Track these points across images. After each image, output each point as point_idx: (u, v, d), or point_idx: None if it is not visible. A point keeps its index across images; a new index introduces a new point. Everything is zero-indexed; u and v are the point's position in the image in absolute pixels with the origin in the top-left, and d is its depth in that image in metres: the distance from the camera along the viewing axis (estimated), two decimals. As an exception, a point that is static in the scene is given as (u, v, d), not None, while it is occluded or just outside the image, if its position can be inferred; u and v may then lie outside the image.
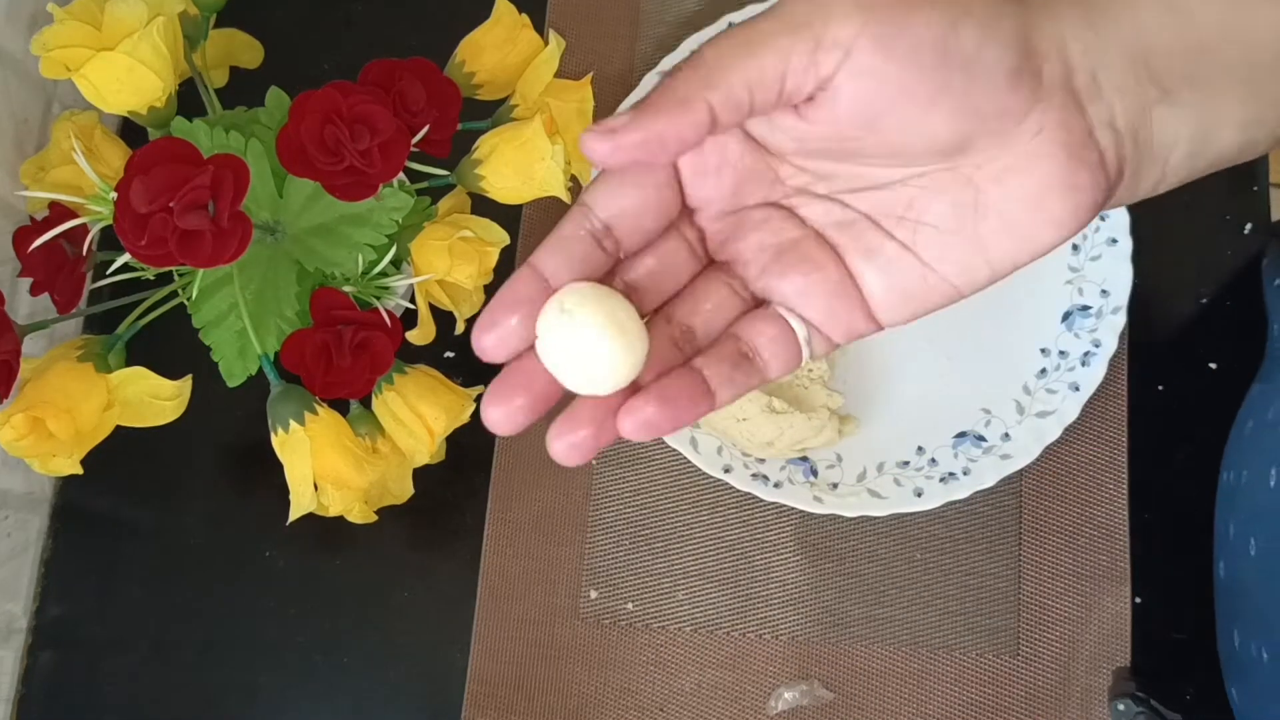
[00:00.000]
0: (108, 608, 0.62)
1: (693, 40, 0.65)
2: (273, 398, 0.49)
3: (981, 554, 0.61)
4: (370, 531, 0.55)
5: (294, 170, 0.46)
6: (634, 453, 0.63)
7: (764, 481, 0.59)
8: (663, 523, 0.62)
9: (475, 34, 0.54)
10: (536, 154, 0.50)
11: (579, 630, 0.61)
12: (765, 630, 0.60)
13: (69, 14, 0.48)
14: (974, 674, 0.59)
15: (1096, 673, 0.59)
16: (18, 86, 0.60)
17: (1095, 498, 0.61)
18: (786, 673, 0.60)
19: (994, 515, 0.61)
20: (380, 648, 0.61)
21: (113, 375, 0.50)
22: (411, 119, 0.49)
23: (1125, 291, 0.61)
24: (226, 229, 0.43)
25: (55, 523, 0.63)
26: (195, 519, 0.63)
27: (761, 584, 0.61)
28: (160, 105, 0.49)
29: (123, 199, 0.43)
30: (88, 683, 0.61)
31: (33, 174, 0.56)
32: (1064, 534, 0.61)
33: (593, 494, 0.62)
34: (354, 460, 0.50)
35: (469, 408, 0.53)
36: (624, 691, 0.60)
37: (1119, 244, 0.62)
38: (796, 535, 0.61)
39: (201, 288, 0.48)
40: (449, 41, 0.55)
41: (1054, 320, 0.62)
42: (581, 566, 0.61)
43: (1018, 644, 0.60)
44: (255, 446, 0.56)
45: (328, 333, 0.48)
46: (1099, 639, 0.59)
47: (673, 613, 0.61)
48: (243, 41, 0.61)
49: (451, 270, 0.50)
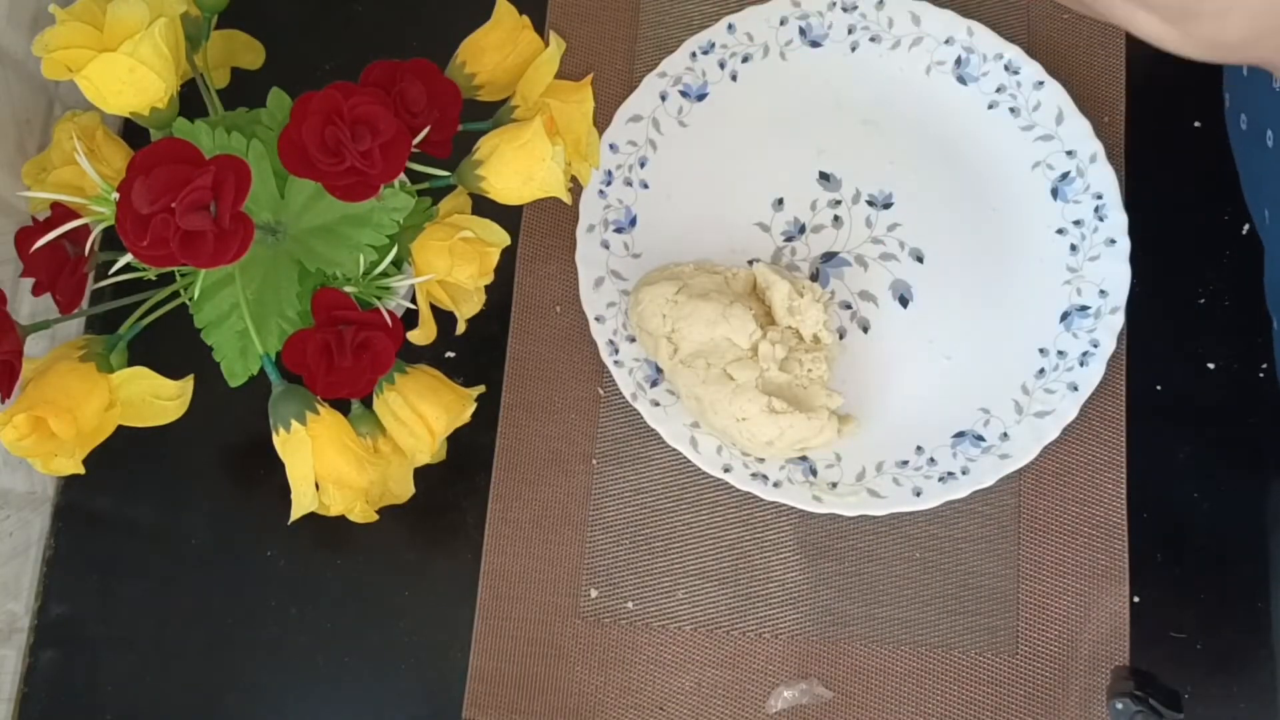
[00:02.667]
0: (109, 607, 0.62)
1: (693, 41, 0.65)
2: (274, 398, 0.50)
3: (980, 553, 0.61)
4: (371, 531, 0.55)
5: (295, 171, 0.46)
6: (634, 452, 0.63)
7: (763, 481, 0.60)
8: (663, 522, 0.62)
9: (476, 35, 0.55)
10: (537, 155, 0.50)
11: (579, 629, 0.61)
12: (765, 629, 0.61)
13: (70, 15, 0.48)
14: (973, 673, 0.59)
15: (1095, 672, 0.59)
16: (19, 87, 0.60)
17: (1094, 497, 0.61)
18: (786, 672, 0.60)
19: (993, 515, 0.61)
20: (380, 647, 0.61)
21: (114, 375, 0.50)
22: (412, 120, 0.50)
23: (1123, 292, 0.61)
24: (228, 229, 0.44)
25: (57, 522, 0.63)
26: (197, 519, 0.63)
27: (761, 583, 0.61)
28: (162, 106, 0.49)
29: (124, 199, 0.43)
30: (89, 682, 0.61)
31: (34, 174, 0.56)
32: (1063, 533, 0.61)
33: (593, 493, 0.62)
34: (355, 460, 0.50)
35: (470, 407, 0.53)
36: (624, 690, 0.60)
37: (1117, 244, 0.62)
38: (796, 534, 0.61)
39: (203, 288, 0.49)
40: (450, 42, 0.55)
41: (1053, 320, 0.62)
42: (581, 566, 0.62)
43: (1016, 643, 0.60)
44: (257, 446, 0.56)
45: (329, 333, 0.48)
46: (1098, 638, 0.59)
47: (673, 612, 0.61)
48: (244, 42, 0.61)
49: (452, 270, 0.51)
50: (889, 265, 0.64)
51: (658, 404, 0.61)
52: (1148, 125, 0.66)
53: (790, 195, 0.65)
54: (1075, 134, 0.64)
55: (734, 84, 0.66)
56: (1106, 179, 0.63)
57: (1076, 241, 0.63)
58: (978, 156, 0.65)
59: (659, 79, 0.65)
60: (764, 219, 0.65)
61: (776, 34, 0.66)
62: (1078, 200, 0.63)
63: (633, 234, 0.64)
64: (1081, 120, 0.63)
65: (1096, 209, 0.63)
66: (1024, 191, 0.64)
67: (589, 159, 0.55)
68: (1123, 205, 0.62)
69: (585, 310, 0.62)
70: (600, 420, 0.63)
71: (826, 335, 0.59)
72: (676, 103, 0.66)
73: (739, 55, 0.66)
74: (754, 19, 0.66)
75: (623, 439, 0.63)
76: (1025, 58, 0.64)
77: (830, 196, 0.65)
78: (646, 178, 0.65)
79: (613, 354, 0.61)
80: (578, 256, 0.63)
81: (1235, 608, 0.60)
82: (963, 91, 0.65)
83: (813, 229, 0.65)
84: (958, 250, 0.64)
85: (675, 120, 0.66)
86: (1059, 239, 0.63)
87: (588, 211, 0.64)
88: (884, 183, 0.65)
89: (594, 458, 0.63)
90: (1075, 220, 0.63)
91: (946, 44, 0.65)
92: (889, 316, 0.63)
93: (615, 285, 0.63)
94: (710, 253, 0.64)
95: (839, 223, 0.65)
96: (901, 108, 0.66)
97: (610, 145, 0.64)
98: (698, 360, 0.58)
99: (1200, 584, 0.60)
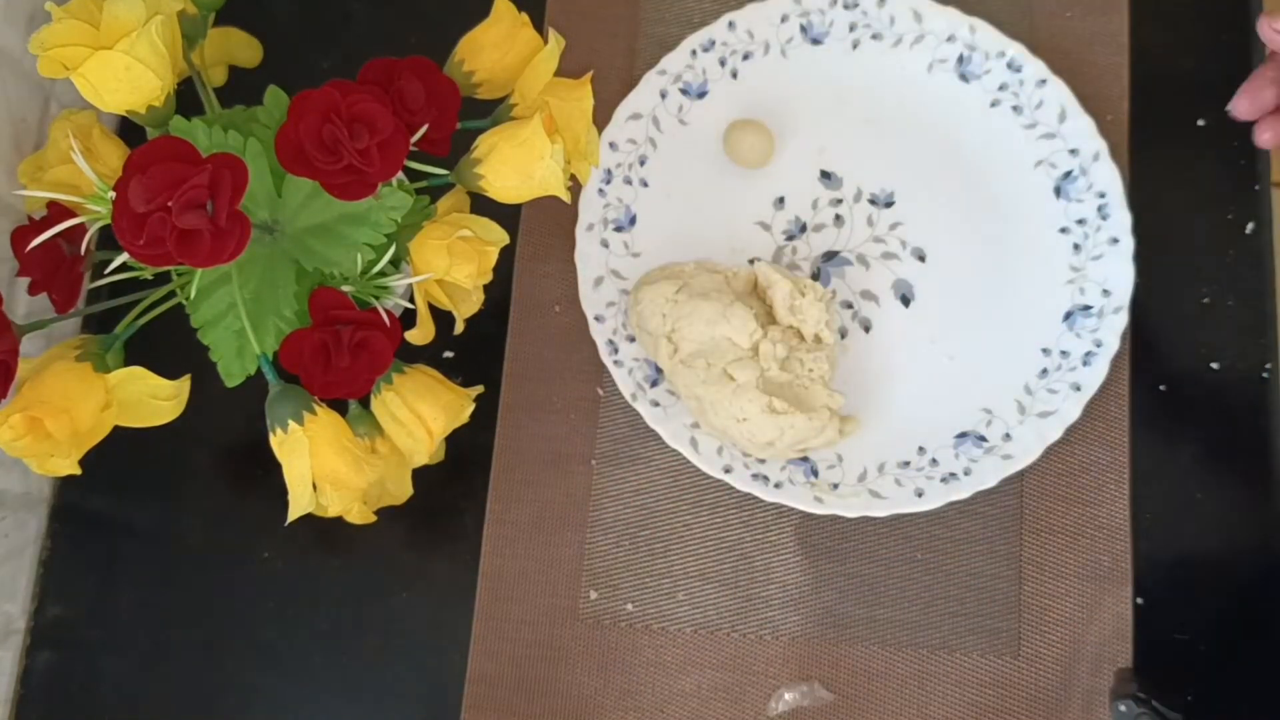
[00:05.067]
0: (106, 608, 0.62)
1: (693, 39, 0.65)
2: (271, 398, 0.49)
3: (983, 554, 0.61)
4: (369, 532, 0.55)
5: (292, 169, 0.46)
6: (634, 453, 0.62)
7: (764, 482, 0.59)
8: (663, 523, 0.62)
9: (474, 33, 0.54)
10: (536, 153, 0.50)
11: (578, 631, 0.60)
12: (766, 631, 0.60)
13: (67, 13, 0.48)
14: (975, 675, 0.59)
15: (1098, 674, 0.59)
16: (15, 85, 0.60)
17: (1097, 498, 0.61)
18: (787, 673, 0.60)
19: (995, 516, 0.61)
20: (378, 649, 0.61)
21: (111, 375, 0.49)
22: (410, 118, 0.49)
23: (1127, 291, 0.61)
24: (225, 228, 0.43)
25: (53, 523, 0.63)
26: (194, 519, 0.63)
27: (762, 585, 0.61)
28: (158, 104, 0.48)
29: (121, 198, 0.43)
30: (86, 683, 0.61)
31: (31, 173, 0.56)
32: (1065, 534, 0.60)
33: (592, 494, 0.62)
34: (353, 460, 0.50)
35: (468, 408, 0.53)
36: (624, 692, 0.60)
37: (1120, 243, 0.62)
38: (797, 536, 0.61)
39: (200, 287, 0.48)
40: (448, 40, 0.55)
41: (1055, 320, 0.62)
42: (581, 567, 0.61)
43: (1019, 645, 0.59)
44: (254, 447, 0.56)
45: (326, 332, 0.48)
46: (1101, 639, 0.59)
47: (673, 613, 0.61)
48: (241, 40, 0.61)
49: (450, 270, 0.50)
50: (890, 264, 0.64)
51: (658, 404, 0.60)
52: (1151, 124, 0.66)
53: (791, 194, 0.65)
54: (1078, 132, 0.63)
55: (734, 81, 0.66)
56: (1110, 178, 0.62)
57: (1079, 240, 0.63)
58: (980, 155, 0.65)
59: (659, 76, 0.65)
60: (765, 218, 0.65)
61: (777, 31, 0.66)
62: (1080, 199, 0.63)
63: (632, 233, 0.64)
64: (1084, 118, 0.63)
65: (1099, 208, 0.62)
66: (1026, 190, 0.64)
67: (588, 157, 0.55)
68: (1126, 204, 0.62)
69: (585, 310, 0.62)
70: (600, 420, 0.63)
71: (828, 335, 0.59)
72: (677, 100, 0.65)
73: (740, 53, 0.66)
74: (755, 16, 0.65)
75: (622, 439, 0.63)
76: (1028, 55, 0.64)
77: (831, 195, 0.65)
78: (646, 176, 0.65)
79: (612, 354, 0.61)
80: (577, 255, 0.62)
81: (1238, 609, 0.60)
82: (965, 89, 0.65)
83: (814, 228, 0.64)
84: (960, 249, 0.64)
85: (675, 118, 0.65)
86: (1062, 238, 0.63)
87: (587, 210, 0.63)
88: (885, 181, 0.65)
89: (593, 458, 0.62)
90: (1078, 219, 0.63)
91: (948, 42, 0.65)
92: (891, 316, 0.63)
93: (615, 284, 0.63)
94: (711, 252, 0.64)
95: (840, 221, 0.64)
96: (903, 106, 0.66)
97: (610, 143, 0.64)
98: (698, 360, 0.58)
99: (1203, 585, 0.60)
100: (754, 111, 0.66)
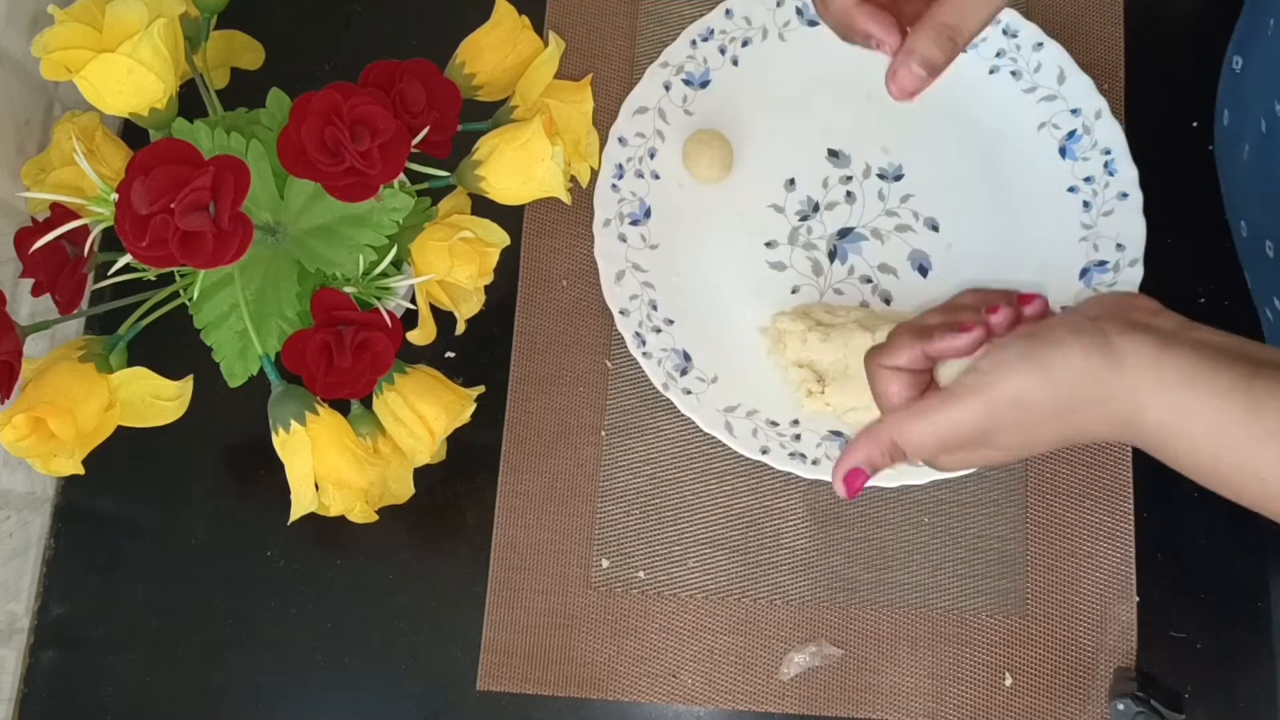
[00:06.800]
0: (109, 607, 0.62)
1: (692, 29, 0.65)
2: (274, 398, 0.50)
3: (989, 517, 0.61)
4: (371, 531, 0.55)
5: (294, 171, 0.46)
6: (642, 423, 0.63)
7: (802, 460, 0.60)
8: (672, 491, 0.62)
9: (475, 35, 0.55)
10: (536, 155, 0.50)
11: (591, 599, 0.61)
12: (776, 596, 0.61)
13: (70, 16, 0.48)
14: (982, 635, 0.60)
15: (1104, 631, 0.59)
16: (19, 88, 0.60)
17: (1100, 460, 0.62)
18: (797, 637, 0.60)
19: (1000, 479, 0.62)
20: (381, 649, 0.61)
21: (114, 376, 0.50)
22: (412, 120, 0.49)
23: (1140, 244, 0.61)
24: (227, 230, 0.44)
25: (57, 523, 0.63)
26: (196, 519, 0.63)
27: (771, 550, 0.61)
28: (161, 106, 0.49)
29: (124, 200, 0.43)
30: (89, 682, 0.61)
31: (34, 175, 0.56)
32: (1068, 496, 0.61)
33: (603, 464, 0.63)
34: (355, 460, 0.50)
35: (469, 407, 0.53)
36: (636, 659, 0.60)
37: (1130, 198, 0.62)
38: (805, 502, 0.62)
39: (203, 288, 0.49)
40: (449, 43, 0.55)
41: (1072, 278, 0.62)
42: (592, 536, 0.62)
43: (1025, 604, 0.60)
44: (256, 447, 0.56)
45: (328, 333, 0.48)
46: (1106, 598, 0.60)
47: (684, 580, 0.61)
48: (243, 43, 0.61)
49: (452, 270, 0.51)
50: (905, 236, 0.64)
51: (689, 392, 0.61)
52: (1145, 125, 0.66)
53: (801, 175, 0.65)
54: (1078, 92, 0.64)
55: (736, 69, 0.66)
56: (1113, 134, 0.63)
57: (1089, 198, 0.63)
58: (984, 122, 0.65)
59: (661, 69, 0.65)
60: (777, 200, 0.65)
61: (774, 16, 0.66)
62: (1086, 157, 0.63)
63: (648, 225, 0.64)
64: (1083, 78, 0.64)
65: (1106, 164, 0.63)
66: (1032, 153, 0.64)
67: (588, 159, 0.55)
68: (1131, 158, 0.62)
69: (609, 305, 0.62)
70: (609, 392, 0.63)
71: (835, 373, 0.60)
72: (681, 91, 0.66)
73: (738, 40, 0.66)
74: (751, 2, 0.66)
75: (631, 410, 0.63)
76: (1022, 20, 0.64)
77: (841, 173, 0.65)
78: (657, 168, 0.65)
79: (640, 346, 0.61)
80: (596, 252, 0.63)
81: (1236, 608, 0.60)
82: (963, 58, 0.64)
83: (826, 206, 0.65)
84: (972, 216, 0.64)
85: (681, 109, 0.66)
86: (1071, 197, 0.63)
87: (602, 206, 0.64)
88: (893, 155, 0.65)
89: (603, 429, 0.63)
90: (1085, 177, 0.63)
91: (943, 12, 0.65)
92: (910, 287, 0.63)
93: (636, 278, 0.63)
94: (726, 237, 0.64)
95: (852, 198, 0.65)
96: (903, 79, 0.66)
97: (619, 138, 0.65)
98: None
99: (1201, 584, 0.60)
100: (757, 97, 0.66)
